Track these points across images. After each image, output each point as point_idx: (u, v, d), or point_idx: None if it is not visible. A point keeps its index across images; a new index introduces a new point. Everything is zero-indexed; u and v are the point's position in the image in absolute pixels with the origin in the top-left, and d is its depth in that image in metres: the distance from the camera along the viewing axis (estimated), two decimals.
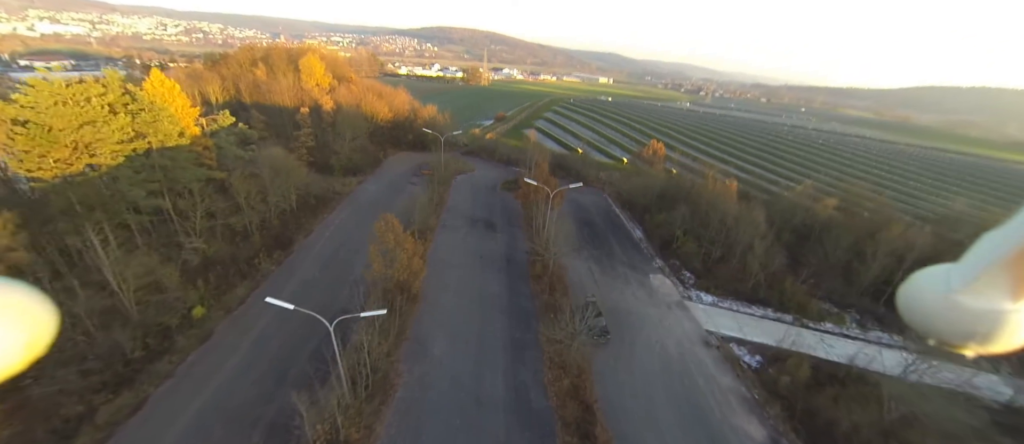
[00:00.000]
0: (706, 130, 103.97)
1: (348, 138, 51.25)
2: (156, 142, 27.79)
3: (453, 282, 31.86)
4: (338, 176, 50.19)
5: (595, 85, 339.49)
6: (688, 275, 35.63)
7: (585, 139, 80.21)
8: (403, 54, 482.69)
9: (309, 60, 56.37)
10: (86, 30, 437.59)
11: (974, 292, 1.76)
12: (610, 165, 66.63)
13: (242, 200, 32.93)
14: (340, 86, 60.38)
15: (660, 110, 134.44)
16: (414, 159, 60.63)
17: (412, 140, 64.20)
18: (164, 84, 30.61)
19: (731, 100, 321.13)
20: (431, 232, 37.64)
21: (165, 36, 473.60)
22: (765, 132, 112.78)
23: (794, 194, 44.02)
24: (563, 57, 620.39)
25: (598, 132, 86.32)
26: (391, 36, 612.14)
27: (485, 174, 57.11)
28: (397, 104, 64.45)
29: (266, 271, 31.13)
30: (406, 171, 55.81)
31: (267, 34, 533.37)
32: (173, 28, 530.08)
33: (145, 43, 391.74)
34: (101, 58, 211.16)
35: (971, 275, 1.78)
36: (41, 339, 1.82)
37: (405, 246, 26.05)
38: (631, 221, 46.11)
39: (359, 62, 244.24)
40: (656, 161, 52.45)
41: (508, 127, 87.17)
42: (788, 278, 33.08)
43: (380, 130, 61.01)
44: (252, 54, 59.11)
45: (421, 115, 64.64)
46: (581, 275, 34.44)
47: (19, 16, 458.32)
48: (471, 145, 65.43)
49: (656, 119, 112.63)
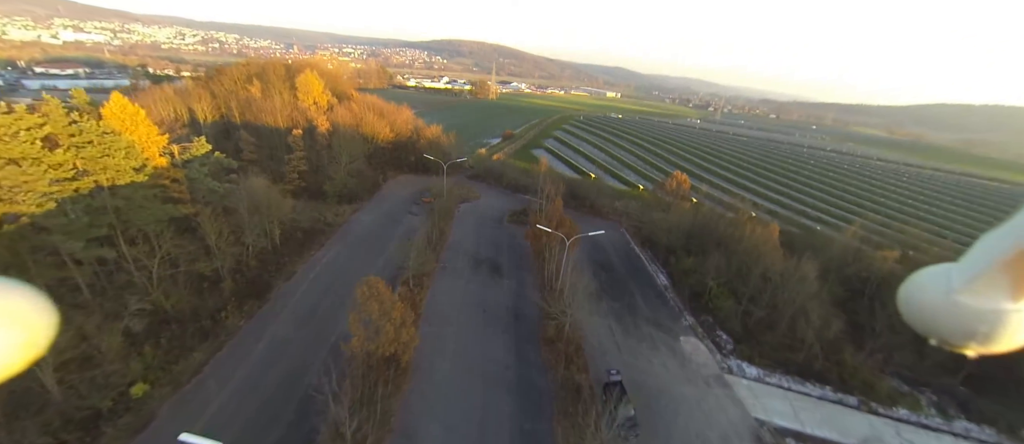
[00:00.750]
0: (724, 152, 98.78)
1: (344, 162, 47.01)
2: (106, 179, 23.38)
3: (451, 345, 26.87)
4: (331, 204, 45.81)
5: (603, 99, 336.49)
6: (725, 338, 30.27)
7: (597, 162, 75.46)
8: (413, 66, 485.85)
9: (306, 77, 52.53)
10: (107, 38, 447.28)
11: (974, 292, 1.71)
12: (626, 193, 61.62)
13: (212, 241, 28.42)
14: (339, 105, 56.42)
15: (672, 129, 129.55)
16: (415, 184, 56.20)
17: (414, 162, 59.88)
18: (126, 110, 26.40)
19: (740, 116, 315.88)
20: (429, 277, 32.79)
21: (183, 45, 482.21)
22: (785, 155, 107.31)
23: (844, 238, 38.65)
24: (570, 71, 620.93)
25: (610, 154, 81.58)
26: (402, 48, 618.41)
27: (491, 202, 52.37)
28: (399, 124, 60.35)
29: (232, 328, 26.40)
30: (406, 198, 51.31)
31: (281, 44, 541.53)
32: (191, 38, 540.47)
33: (162, 52, 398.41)
34: (115, 66, 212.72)
35: (971, 275, 1.72)
36: (39, 340, 1.77)
37: (393, 314, 21.19)
38: (653, 263, 40.91)
39: (368, 74, 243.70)
40: (680, 194, 47.33)
41: (516, 147, 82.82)
42: (848, 348, 27.64)
43: (380, 151, 56.81)
44: (247, 70, 55.48)
45: (425, 135, 60.43)
46: (600, 336, 29.26)
47: (45, 24, 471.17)
48: (477, 168, 60.94)
49: (670, 139, 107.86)
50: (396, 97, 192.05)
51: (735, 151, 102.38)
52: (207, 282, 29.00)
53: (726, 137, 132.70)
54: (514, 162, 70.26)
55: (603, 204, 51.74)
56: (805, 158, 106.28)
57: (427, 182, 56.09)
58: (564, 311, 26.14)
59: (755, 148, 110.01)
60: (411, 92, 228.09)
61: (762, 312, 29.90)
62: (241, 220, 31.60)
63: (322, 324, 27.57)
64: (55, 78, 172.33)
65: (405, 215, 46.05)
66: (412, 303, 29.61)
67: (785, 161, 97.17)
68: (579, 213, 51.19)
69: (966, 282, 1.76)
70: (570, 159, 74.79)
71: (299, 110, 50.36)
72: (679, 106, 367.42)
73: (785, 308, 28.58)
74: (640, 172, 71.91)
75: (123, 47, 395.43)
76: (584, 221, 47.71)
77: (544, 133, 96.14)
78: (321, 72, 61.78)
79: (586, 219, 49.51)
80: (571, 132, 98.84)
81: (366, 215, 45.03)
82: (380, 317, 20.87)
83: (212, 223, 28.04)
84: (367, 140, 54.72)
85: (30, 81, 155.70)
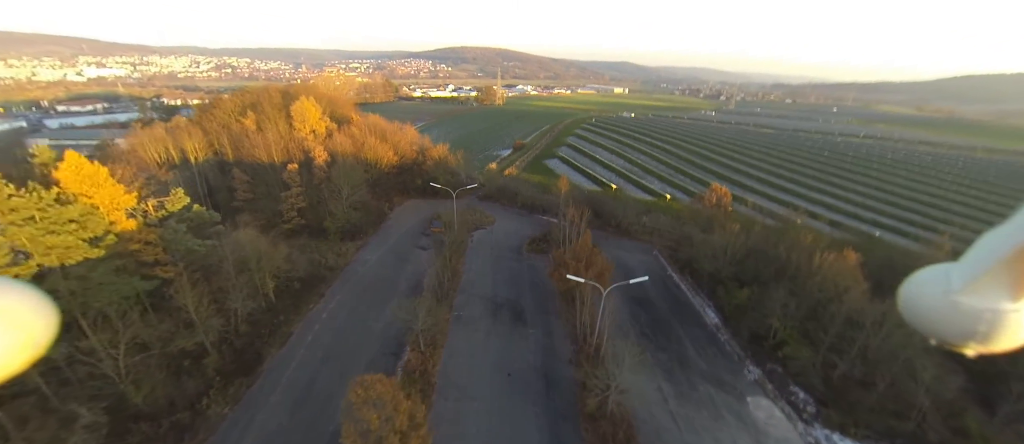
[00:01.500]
0: (751, 149, 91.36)
1: (345, 195, 42.95)
2: (52, 260, 19.46)
3: (472, 427, 22.08)
4: (333, 241, 41.79)
5: (610, 96, 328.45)
6: (803, 397, 24.61)
7: (616, 169, 69.86)
8: (418, 76, 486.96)
9: (302, 105, 48.77)
10: (128, 72, 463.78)
11: (974, 291, 1.73)
12: (654, 204, 55.95)
13: (192, 312, 24.39)
14: (339, 131, 52.58)
15: (690, 126, 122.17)
16: (424, 209, 51.85)
17: (421, 186, 55.57)
18: (82, 171, 22.60)
19: (755, 104, 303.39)
20: (442, 334, 28.14)
21: (197, 73, 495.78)
22: (816, 146, 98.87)
23: (938, 256, 32.34)
24: (575, 69, 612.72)
25: (629, 159, 75.87)
26: (407, 59, 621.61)
27: (507, 227, 47.54)
28: (403, 145, 56.18)
29: (215, 418, 22.24)
30: (414, 227, 46.95)
31: (290, 64, 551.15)
32: (205, 65, 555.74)
33: (178, 81, 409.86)
34: (131, 99, 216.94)
35: (971, 274, 1.74)
36: (40, 340, 1.74)
37: (397, 421, 16.50)
38: (697, 294, 35.32)
39: (374, 88, 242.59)
40: (722, 210, 41.41)
41: (529, 158, 77.90)
42: (973, 411, 21.69)
43: (384, 178, 52.68)
44: (241, 100, 52.14)
45: (431, 155, 56.07)
46: (650, 402, 24.01)
47: (70, 63, 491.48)
48: (488, 186, 56.20)
49: (690, 137, 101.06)
50: (403, 110, 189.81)
51: (762, 146, 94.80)
52: (189, 359, 24.96)
53: (747, 130, 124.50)
54: (528, 177, 65.34)
55: (628, 220, 46.27)
56: (840, 148, 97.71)
57: (436, 206, 51.70)
58: (607, 385, 21.04)
59: (783, 141, 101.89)
60: (417, 103, 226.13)
61: (850, 366, 24.10)
62: (228, 280, 27.60)
63: (319, 406, 23.16)
64: (75, 115, 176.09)
65: (413, 250, 41.62)
66: (423, 372, 25.03)
67: (818, 154, 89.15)
68: (604, 234, 45.96)
69: (966, 282, 1.74)
70: (587, 168, 69.44)
71: (295, 141, 46.62)
72: (689, 98, 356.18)
73: (884, 362, 22.74)
74: (664, 179, 66.00)
75: (141, 79, 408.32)
76: (611, 244, 42.50)
77: (557, 140, 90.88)
78: (319, 96, 58.21)
79: (612, 241, 44.28)
80: (585, 137, 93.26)
81: (371, 253, 40.77)
82: (382, 425, 16.24)
83: (191, 292, 24.01)
84: (370, 166, 50.68)
85: (52, 120, 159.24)
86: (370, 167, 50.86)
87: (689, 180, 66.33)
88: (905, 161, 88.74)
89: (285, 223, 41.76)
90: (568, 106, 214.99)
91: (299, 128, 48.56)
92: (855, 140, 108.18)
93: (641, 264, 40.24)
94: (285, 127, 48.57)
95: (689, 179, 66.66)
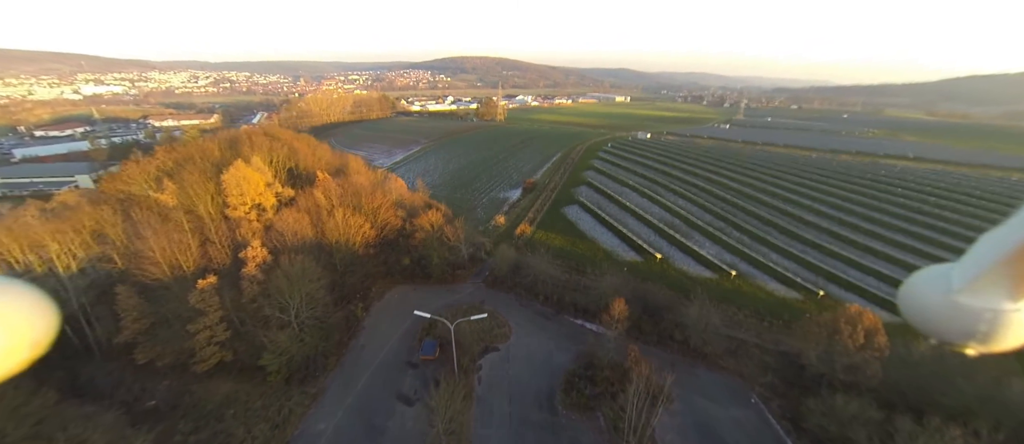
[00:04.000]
0: (802, 180, 75.81)
1: (293, 312, 28.35)
2: None
3: None
4: (274, 386, 27.26)
5: (613, 105, 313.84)
6: None
7: (652, 222, 55.06)
8: (417, 87, 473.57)
9: (238, 174, 34.01)
10: (125, 88, 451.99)
11: (974, 291, 1.73)
12: (721, 288, 41.14)
13: None
14: (297, 200, 37.95)
15: (718, 151, 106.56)
16: (411, 306, 37.02)
17: (410, 266, 40.92)
18: None
19: (764, 112, 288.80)
20: None
21: (195, 88, 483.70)
22: (871, 178, 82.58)
23: None
24: (575, 77, 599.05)
25: (665, 205, 61.12)
26: (406, 70, 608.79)
27: (529, 346, 32.59)
28: (384, 213, 41.53)
29: None
30: (397, 349, 32.15)
31: (289, 77, 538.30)
32: (203, 80, 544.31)
33: (175, 97, 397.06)
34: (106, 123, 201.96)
35: (971, 275, 1.74)
36: (42, 338, 1.68)
37: None
38: None
39: (369, 103, 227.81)
40: (870, 341, 26.23)
41: (544, 204, 63.15)
42: None
43: (359, 261, 37.98)
44: (159, 163, 37.39)
45: (421, 224, 41.29)
46: None
47: (68, 80, 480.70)
48: (499, 264, 41.29)
49: (723, 167, 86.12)
50: (400, 128, 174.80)
51: (815, 176, 78.81)
52: None
53: (780, 154, 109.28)
54: (547, 238, 50.59)
55: (705, 337, 31.34)
56: (913, 183, 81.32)
57: (428, 298, 37.04)
58: None
59: (843, 173, 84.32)
60: (415, 120, 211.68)
61: None
62: None
63: None
64: (52, 142, 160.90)
65: (393, 404, 26.82)
66: None
67: (880, 188, 73.68)
68: (666, 352, 31.33)
69: (966, 282, 1.74)
70: (616, 221, 54.63)
71: (227, 227, 31.89)
72: (693, 105, 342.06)
73: None
74: (718, 239, 51.01)
75: (138, 96, 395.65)
76: (681, 374, 27.90)
77: (573, 177, 75.98)
78: (274, 145, 43.50)
79: (683, 367, 29.57)
80: (604, 172, 78.14)
81: (326, 414, 25.99)
82: None
83: None
84: (339, 249, 36.01)
85: (23, 148, 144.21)
86: (338, 251, 36.18)
87: (751, 240, 51.44)
88: (999, 198, 73.55)
89: (199, 363, 27.05)
90: (573, 120, 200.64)
91: (234, 204, 33.81)
92: (906, 170, 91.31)
93: (735, 426, 25.40)
94: (217, 204, 33.85)
95: (750, 238, 51.78)
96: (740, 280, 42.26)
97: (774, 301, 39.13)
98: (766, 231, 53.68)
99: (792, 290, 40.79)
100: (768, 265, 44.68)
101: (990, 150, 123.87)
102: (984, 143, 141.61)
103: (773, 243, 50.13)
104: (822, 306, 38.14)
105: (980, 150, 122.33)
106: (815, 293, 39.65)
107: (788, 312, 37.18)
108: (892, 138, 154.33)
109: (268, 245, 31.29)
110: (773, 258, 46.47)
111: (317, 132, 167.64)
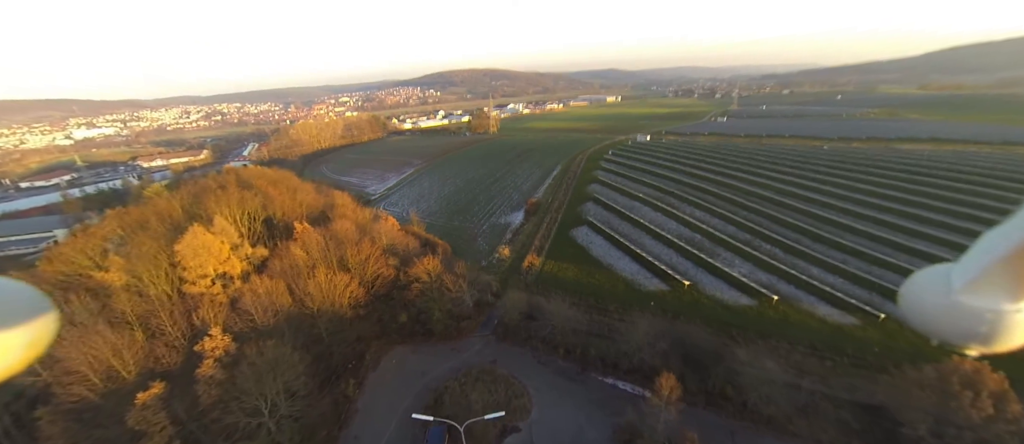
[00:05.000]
0: (822, 176, 69.62)
1: (267, 410, 22.82)
2: None
3: None
4: None
5: (605, 106, 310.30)
6: None
7: (672, 241, 49.68)
8: (407, 104, 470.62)
9: (194, 239, 28.47)
10: (117, 129, 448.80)
11: (975, 292, 1.68)
12: (752, 313, 35.68)
13: None
14: (270, 262, 32.57)
15: (725, 149, 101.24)
16: (410, 373, 31.55)
17: (407, 324, 35.40)
18: None
19: (757, 100, 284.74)
20: None
21: (187, 123, 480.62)
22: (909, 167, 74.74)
23: None
24: (564, 81, 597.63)
25: (679, 216, 55.88)
26: (395, 88, 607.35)
27: (553, 422, 26.88)
28: (373, 264, 36.08)
29: None
30: (397, 434, 26.55)
31: (280, 105, 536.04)
32: (195, 114, 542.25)
33: (167, 133, 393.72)
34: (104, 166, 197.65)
35: (972, 274, 1.69)
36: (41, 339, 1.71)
37: None
38: None
39: (360, 126, 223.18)
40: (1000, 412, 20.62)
41: (549, 227, 57.81)
42: None
43: (348, 325, 32.47)
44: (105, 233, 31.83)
45: (418, 273, 35.81)
46: None
47: (60, 126, 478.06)
48: (509, 311, 35.74)
49: (737, 167, 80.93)
50: (391, 149, 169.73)
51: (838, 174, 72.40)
52: None
53: (791, 150, 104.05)
54: (558, 269, 45.19)
55: (765, 393, 25.75)
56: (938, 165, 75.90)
57: (431, 362, 31.61)
58: None
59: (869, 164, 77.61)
60: (407, 139, 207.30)
61: None
62: None
63: None
64: (36, 194, 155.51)
65: None
66: None
67: (914, 176, 67.83)
68: (721, 417, 25.75)
69: (967, 282, 1.68)
70: (635, 245, 49.11)
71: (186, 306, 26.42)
72: (684, 99, 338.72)
73: None
74: (750, 256, 45.41)
75: (130, 136, 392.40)
76: None
77: (578, 193, 70.61)
78: (246, 196, 38.26)
79: (744, 436, 23.94)
80: (610, 184, 72.59)
81: None
82: None
83: None
84: (323, 317, 30.54)
85: (3, 204, 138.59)
86: (323, 316, 30.70)
87: (784, 253, 45.89)
88: None
89: None
90: (568, 126, 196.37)
91: (193, 279, 28.36)
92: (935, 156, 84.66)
93: None
94: (172, 279, 28.40)
95: (782, 250, 46.21)
96: (784, 305, 36.75)
97: (829, 330, 33.63)
98: (797, 240, 48.18)
99: (846, 313, 35.27)
100: (810, 283, 39.17)
101: (1005, 124, 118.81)
102: (999, 116, 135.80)
103: (809, 254, 44.62)
104: (886, 331, 32.68)
105: (998, 124, 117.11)
106: (875, 316, 34.14)
107: (850, 344, 31.70)
108: (894, 118, 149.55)
109: (233, 327, 25.82)
110: (814, 273, 40.95)
111: (309, 160, 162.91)
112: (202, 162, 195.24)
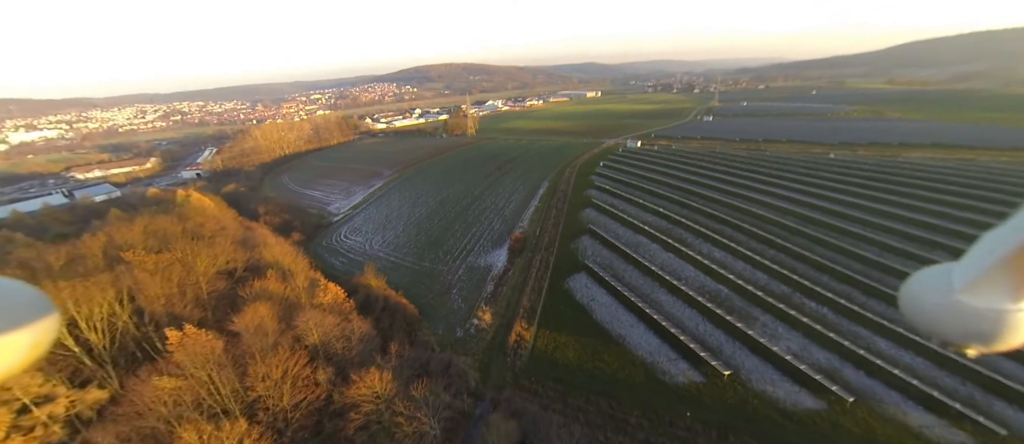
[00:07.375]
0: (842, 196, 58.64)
1: None
2: None
3: None
4: None
5: (585, 102, 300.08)
6: None
7: (692, 298, 39.42)
8: (383, 101, 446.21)
9: None
10: (61, 132, 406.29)
11: (975, 291, 1.67)
12: (824, 425, 25.80)
13: None
14: (111, 412, 19.91)
15: (727, 159, 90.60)
16: None
17: None
18: None
19: (737, 95, 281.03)
20: None
21: (141, 124, 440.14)
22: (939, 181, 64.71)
23: None
24: (543, 76, 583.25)
25: (696, 260, 45.60)
26: (371, 84, 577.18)
27: None
28: (290, 385, 23.71)
29: None
30: None
31: (246, 103, 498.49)
32: (152, 114, 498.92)
33: (118, 136, 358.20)
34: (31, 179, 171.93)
35: (972, 274, 1.67)
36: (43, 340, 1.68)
37: None
38: None
39: (328, 128, 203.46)
40: None
41: (540, 275, 46.52)
42: None
43: None
44: None
45: (359, 392, 23.74)
46: None
47: None
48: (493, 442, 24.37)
49: (736, 181, 71.87)
50: (362, 154, 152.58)
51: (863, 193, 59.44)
52: None
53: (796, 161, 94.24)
54: (557, 355, 34.00)
55: None
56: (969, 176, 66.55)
57: None
58: None
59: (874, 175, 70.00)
60: (380, 141, 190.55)
61: None
62: None
63: None
64: None
65: None
66: None
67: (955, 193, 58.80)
68: None
69: (967, 282, 1.66)
70: (649, 306, 38.39)
71: None
72: (664, 93, 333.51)
73: None
74: (797, 324, 35.33)
75: (75, 139, 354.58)
76: None
77: (571, 221, 59.09)
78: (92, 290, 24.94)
79: None
80: (608, 212, 60.18)
81: None
82: None
83: None
84: None
85: None
86: None
87: (837, 315, 35.89)
88: None
89: None
90: (550, 126, 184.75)
91: None
92: (999, 168, 74.39)
93: None
94: None
95: (833, 310, 35.73)
96: (863, 410, 26.90)
97: None
98: (848, 295, 37.96)
99: (950, 424, 25.64)
100: (890, 372, 29.28)
101: (994, 124, 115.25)
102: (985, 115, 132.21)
103: (871, 319, 34.63)
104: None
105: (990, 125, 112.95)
106: (994, 432, 24.67)
107: None
108: (880, 118, 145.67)
109: None
110: (886, 352, 31.24)
111: (269, 169, 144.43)
112: (148, 172, 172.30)
